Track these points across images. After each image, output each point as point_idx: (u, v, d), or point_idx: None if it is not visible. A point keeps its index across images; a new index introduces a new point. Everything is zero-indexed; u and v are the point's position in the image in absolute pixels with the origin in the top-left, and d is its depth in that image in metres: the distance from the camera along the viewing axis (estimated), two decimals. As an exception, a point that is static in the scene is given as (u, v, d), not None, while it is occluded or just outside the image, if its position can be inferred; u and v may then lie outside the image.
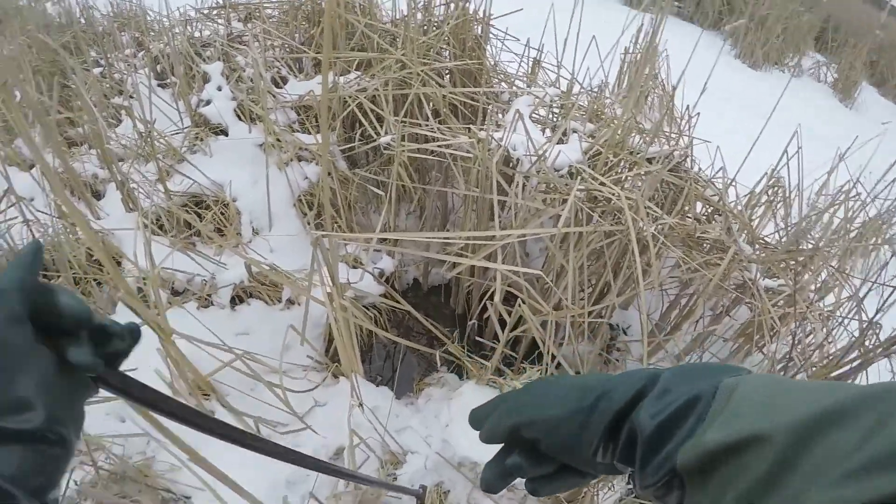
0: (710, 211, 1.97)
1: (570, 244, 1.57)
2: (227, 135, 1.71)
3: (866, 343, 1.49)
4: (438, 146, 1.49)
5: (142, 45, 2.18)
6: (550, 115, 1.86)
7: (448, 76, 1.82)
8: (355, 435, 1.40)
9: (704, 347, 1.89)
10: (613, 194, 1.61)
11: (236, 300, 1.56)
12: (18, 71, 1.98)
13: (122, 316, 1.56)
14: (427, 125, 1.51)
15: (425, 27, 1.84)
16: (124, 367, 0.40)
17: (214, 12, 2.06)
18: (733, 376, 0.34)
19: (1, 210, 1.64)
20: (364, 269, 1.43)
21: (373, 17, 1.85)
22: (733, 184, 1.96)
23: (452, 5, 1.91)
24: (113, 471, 1.24)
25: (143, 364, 1.41)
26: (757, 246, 1.85)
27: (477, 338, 1.59)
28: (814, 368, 1.58)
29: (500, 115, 1.70)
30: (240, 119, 1.72)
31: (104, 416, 1.39)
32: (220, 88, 1.71)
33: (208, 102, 1.71)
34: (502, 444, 0.44)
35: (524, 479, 0.44)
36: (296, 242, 1.59)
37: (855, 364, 1.50)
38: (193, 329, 1.33)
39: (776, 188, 2.01)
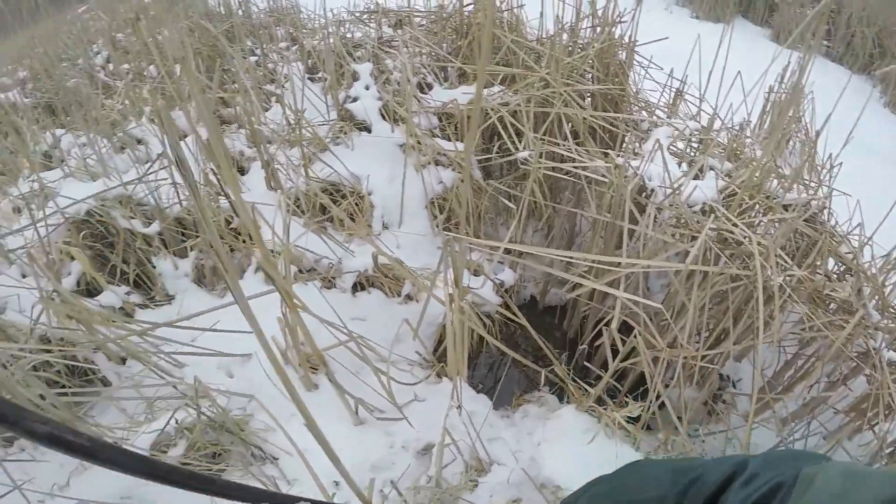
0: (841, 269, 1.84)
1: (694, 283, 1.52)
2: (370, 131, 1.80)
3: None
4: (574, 167, 1.48)
5: (295, 40, 2.35)
6: (688, 149, 1.80)
7: (589, 99, 1.81)
8: (448, 435, 1.41)
9: (815, 415, 1.76)
10: (745, 237, 1.55)
11: (358, 287, 1.63)
12: (182, 51, 2.20)
13: (250, 282, 1.68)
14: (565, 145, 1.52)
15: (570, 48, 1.85)
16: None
17: (365, 16, 2.19)
18: (813, 465, 0.37)
19: (154, 170, 1.79)
20: (487, 277, 1.46)
21: (519, 33, 1.88)
22: (870, 243, 1.82)
23: (599, 29, 1.91)
24: (213, 419, 1.31)
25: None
26: (887, 314, 1.71)
27: (585, 363, 1.57)
28: (926, 457, 1.44)
29: (637, 144, 1.68)
30: (384, 118, 1.81)
31: (215, 368, 1.48)
32: (367, 87, 1.81)
33: (355, 99, 1.82)
34: None
35: None
36: (422, 242, 1.64)
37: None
38: (314, 306, 1.40)
39: (915, 254, 1.85)
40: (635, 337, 1.41)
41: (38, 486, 1.22)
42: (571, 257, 1.32)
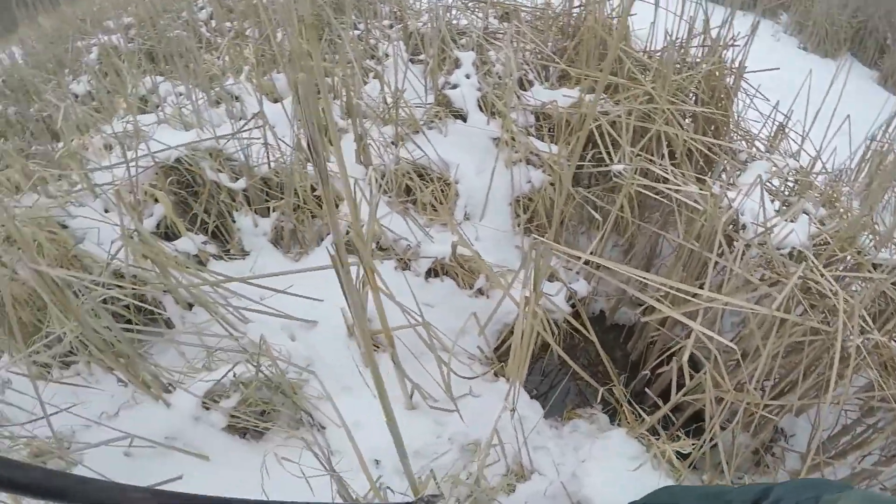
0: (919, 341, 1.75)
1: (773, 329, 1.47)
2: (464, 120, 1.81)
3: None
4: (667, 188, 1.45)
5: (400, 20, 2.37)
6: (783, 188, 1.74)
7: (689, 120, 1.76)
8: (496, 436, 1.41)
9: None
10: (833, 291, 1.49)
11: (432, 273, 1.64)
12: (289, 17, 2.23)
13: (321, 254, 1.71)
14: (661, 164, 1.48)
15: (678, 66, 1.80)
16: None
17: (472, 3, 2.18)
18: (835, 493, 0.39)
19: (248, 128, 1.82)
20: (565, 284, 1.44)
21: (627, 43, 1.85)
22: (955, 319, 1.72)
23: (709, 49, 1.85)
24: (270, 378, 1.33)
25: (330, 300, 1.53)
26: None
27: (646, 388, 1.54)
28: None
29: (734, 174, 1.62)
30: (480, 109, 1.81)
31: (279, 329, 1.51)
32: (468, 76, 1.81)
33: (455, 86, 1.82)
34: None
35: None
36: (500, 238, 1.64)
37: None
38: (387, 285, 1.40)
39: None
40: (704, 374, 1.38)
41: (88, 412, 1.25)
42: (654, 281, 1.29)
